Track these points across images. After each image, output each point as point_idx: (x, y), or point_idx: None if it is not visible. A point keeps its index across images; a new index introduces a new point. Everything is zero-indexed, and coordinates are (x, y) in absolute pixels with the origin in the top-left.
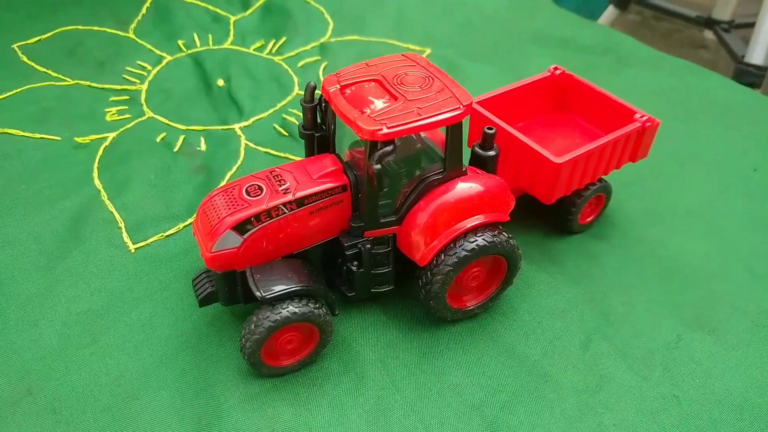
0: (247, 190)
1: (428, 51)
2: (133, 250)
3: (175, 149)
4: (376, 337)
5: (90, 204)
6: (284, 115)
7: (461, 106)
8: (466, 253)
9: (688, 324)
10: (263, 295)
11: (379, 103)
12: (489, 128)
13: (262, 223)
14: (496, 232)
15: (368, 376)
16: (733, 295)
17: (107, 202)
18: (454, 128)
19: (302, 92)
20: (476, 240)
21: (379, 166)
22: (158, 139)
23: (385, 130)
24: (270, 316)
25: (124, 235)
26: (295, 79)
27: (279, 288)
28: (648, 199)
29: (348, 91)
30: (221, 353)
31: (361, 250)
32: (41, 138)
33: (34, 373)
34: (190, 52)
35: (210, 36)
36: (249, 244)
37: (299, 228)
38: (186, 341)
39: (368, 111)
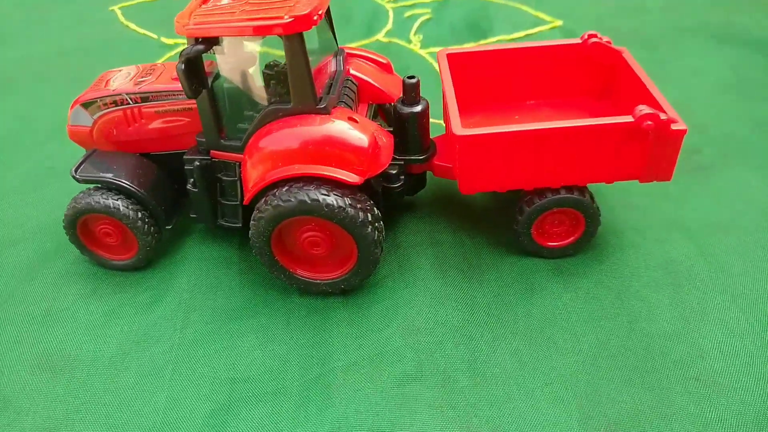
0: (117, 76)
1: (558, 23)
2: None
3: None
4: (207, 271)
5: None
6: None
7: (286, 17)
8: (280, 203)
9: (590, 429)
10: (74, 173)
11: (223, 1)
12: (410, 77)
13: (109, 108)
14: (334, 193)
15: (165, 302)
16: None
17: None
18: (289, 44)
19: (386, 38)
20: (297, 193)
21: (182, 65)
22: None
23: (191, 26)
24: (79, 198)
25: None
26: (388, 26)
27: (92, 173)
28: (680, 252)
29: None
30: None
31: (194, 167)
32: (144, 34)
33: None
34: None
35: None
36: (99, 126)
37: (146, 125)
38: None
39: (205, 6)
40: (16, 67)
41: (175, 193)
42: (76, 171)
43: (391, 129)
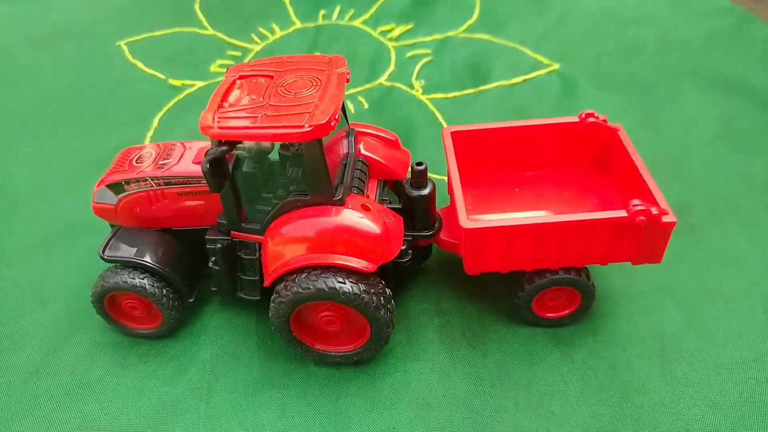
0: (139, 156)
1: (555, 66)
2: None
3: None
4: (228, 341)
5: (138, 138)
6: (360, 97)
7: (306, 125)
8: (300, 291)
9: None
10: (101, 254)
11: (244, 101)
12: (418, 163)
13: (133, 189)
14: (350, 280)
15: (189, 373)
16: None
17: (148, 140)
18: (307, 148)
19: (389, 82)
20: (316, 281)
21: (207, 165)
22: None
23: (215, 129)
24: (105, 276)
25: None
26: (391, 68)
27: (119, 253)
28: (669, 321)
29: (239, 82)
30: None
31: (216, 247)
32: (152, 74)
33: (6, 255)
34: (318, 23)
35: (352, 10)
36: (123, 205)
37: (170, 205)
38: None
39: (226, 105)
40: (34, 107)
41: (195, 266)
42: (103, 252)
43: (400, 206)
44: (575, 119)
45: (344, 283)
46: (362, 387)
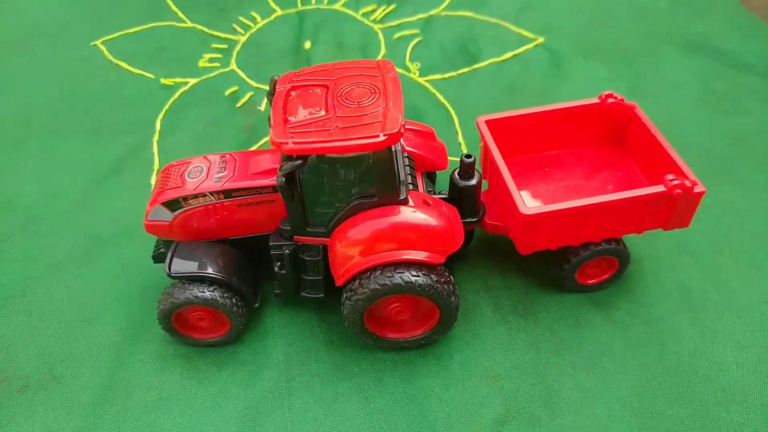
0: (190, 171)
1: (539, 40)
2: None
3: (238, 105)
4: (295, 339)
5: (144, 142)
6: None
7: (381, 135)
8: (377, 287)
9: None
10: (169, 272)
11: (307, 113)
12: (467, 155)
13: (191, 205)
14: (422, 273)
15: (265, 375)
16: None
17: (155, 143)
18: (377, 155)
19: None
20: (392, 276)
21: (282, 179)
22: (227, 93)
23: (290, 145)
24: (175, 293)
25: (153, 177)
26: (382, 51)
27: (186, 269)
28: (691, 277)
29: (293, 93)
30: None
31: (283, 253)
32: (139, 74)
33: (35, 278)
34: (301, 9)
35: None
36: (180, 221)
37: (229, 217)
38: (148, 289)
39: (293, 120)
40: (25, 119)
41: (254, 272)
42: (169, 269)
43: (444, 194)
44: (596, 100)
45: (418, 276)
46: (432, 367)
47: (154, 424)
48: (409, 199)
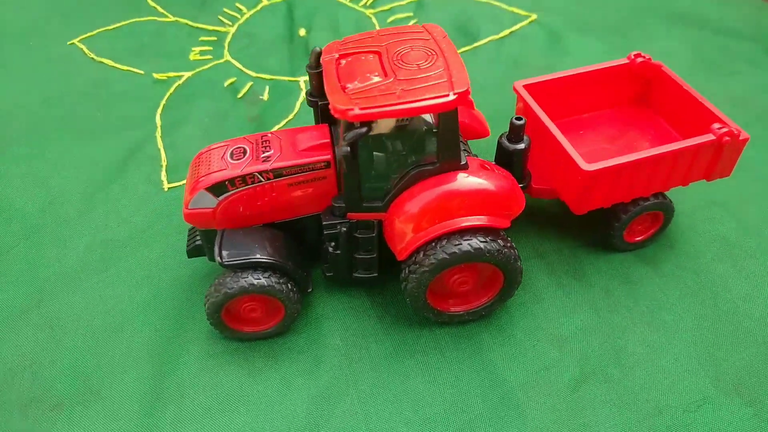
0: (232, 153)
1: (533, 17)
2: (166, 189)
3: (239, 95)
4: (350, 322)
5: (146, 139)
6: None
7: (451, 94)
8: (445, 256)
9: (723, 388)
10: (221, 261)
11: (366, 79)
12: (518, 118)
13: (238, 188)
14: (489, 238)
15: (327, 362)
16: None
17: (159, 139)
18: (445, 116)
19: None
20: (460, 244)
21: (347, 149)
22: (227, 84)
23: (356, 111)
24: (228, 283)
25: (163, 173)
26: None
27: (240, 256)
28: (726, 227)
29: (344, 61)
30: (202, 306)
31: (339, 231)
32: (128, 70)
33: (48, 288)
34: None
35: None
36: (225, 206)
37: (278, 198)
38: (179, 287)
39: (351, 87)
40: (13, 125)
41: (304, 256)
42: (221, 258)
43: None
44: (625, 61)
45: (486, 242)
46: (496, 337)
47: (218, 424)
48: (469, 165)
